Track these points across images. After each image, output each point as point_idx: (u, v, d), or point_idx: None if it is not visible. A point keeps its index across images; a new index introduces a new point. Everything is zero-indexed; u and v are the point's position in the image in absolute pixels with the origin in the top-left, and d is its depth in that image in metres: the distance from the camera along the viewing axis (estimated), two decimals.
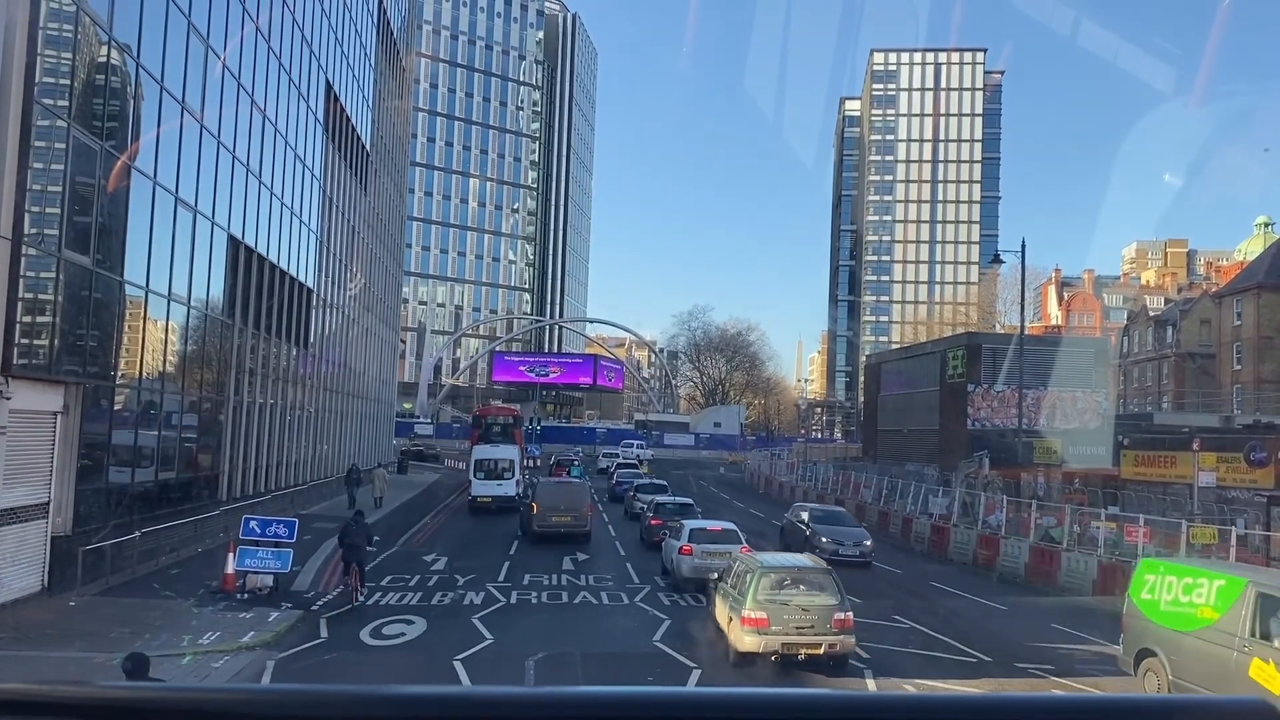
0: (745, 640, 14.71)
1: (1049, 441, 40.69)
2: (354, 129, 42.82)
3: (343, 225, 41.95)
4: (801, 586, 15.26)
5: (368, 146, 46.84)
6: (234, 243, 27.03)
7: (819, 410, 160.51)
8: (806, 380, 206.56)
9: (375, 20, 47.31)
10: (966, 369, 49.83)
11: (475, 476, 39.10)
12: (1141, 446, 35.55)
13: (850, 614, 15.00)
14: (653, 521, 29.40)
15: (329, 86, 37.47)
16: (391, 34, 52.26)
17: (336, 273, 41.20)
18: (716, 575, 17.79)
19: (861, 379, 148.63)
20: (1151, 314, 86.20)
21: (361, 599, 19.73)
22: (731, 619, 15.30)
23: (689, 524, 23.52)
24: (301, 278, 34.65)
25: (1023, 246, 36.20)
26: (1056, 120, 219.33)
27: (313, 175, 35.47)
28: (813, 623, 14.64)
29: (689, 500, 33.36)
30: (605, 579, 23.16)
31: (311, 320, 36.58)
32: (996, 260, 35.89)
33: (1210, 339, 73.17)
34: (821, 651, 14.65)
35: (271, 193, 30.12)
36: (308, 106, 34.21)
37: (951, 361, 51.10)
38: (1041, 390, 49.74)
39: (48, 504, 17.95)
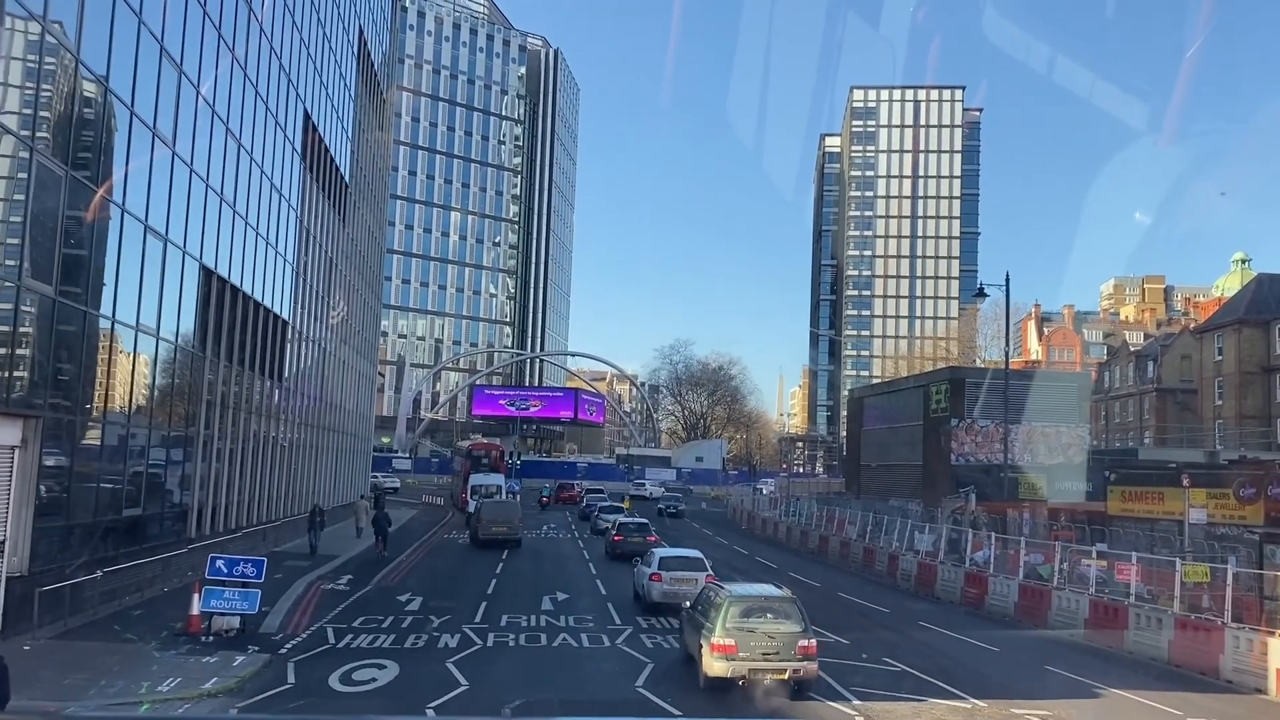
0: (715, 666, 15.38)
1: (1033, 477, 40.32)
2: (332, 160, 42.35)
3: (320, 257, 41.35)
4: (768, 615, 15.90)
5: (346, 178, 46.36)
6: (206, 273, 26.40)
7: (800, 445, 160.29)
8: (789, 415, 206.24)
9: (355, 51, 47.03)
10: (949, 404, 49.52)
11: (472, 498, 48.70)
12: (1128, 482, 35.18)
13: (814, 641, 15.71)
14: (615, 538, 36.32)
15: (307, 116, 37.03)
16: (372, 65, 51.99)
17: (313, 305, 40.55)
18: (689, 603, 18.56)
19: (843, 413, 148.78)
20: (1132, 349, 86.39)
21: (385, 553, 34.23)
22: (702, 645, 15.88)
23: (659, 553, 25.54)
24: (277, 309, 33.98)
25: (1006, 280, 36.03)
26: (1033, 156, 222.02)
27: (289, 205, 34.92)
28: (778, 649, 15.34)
29: (645, 520, 39.58)
30: (585, 619, 22.46)
31: (286, 353, 35.89)
32: (981, 294, 35.68)
33: (1191, 374, 73.34)
34: (786, 677, 15.36)
35: (246, 222, 29.54)
36: (285, 136, 33.73)
37: (934, 396, 50.80)
38: (1025, 425, 49.52)
39: (2, 542, 17.16)
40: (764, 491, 75.66)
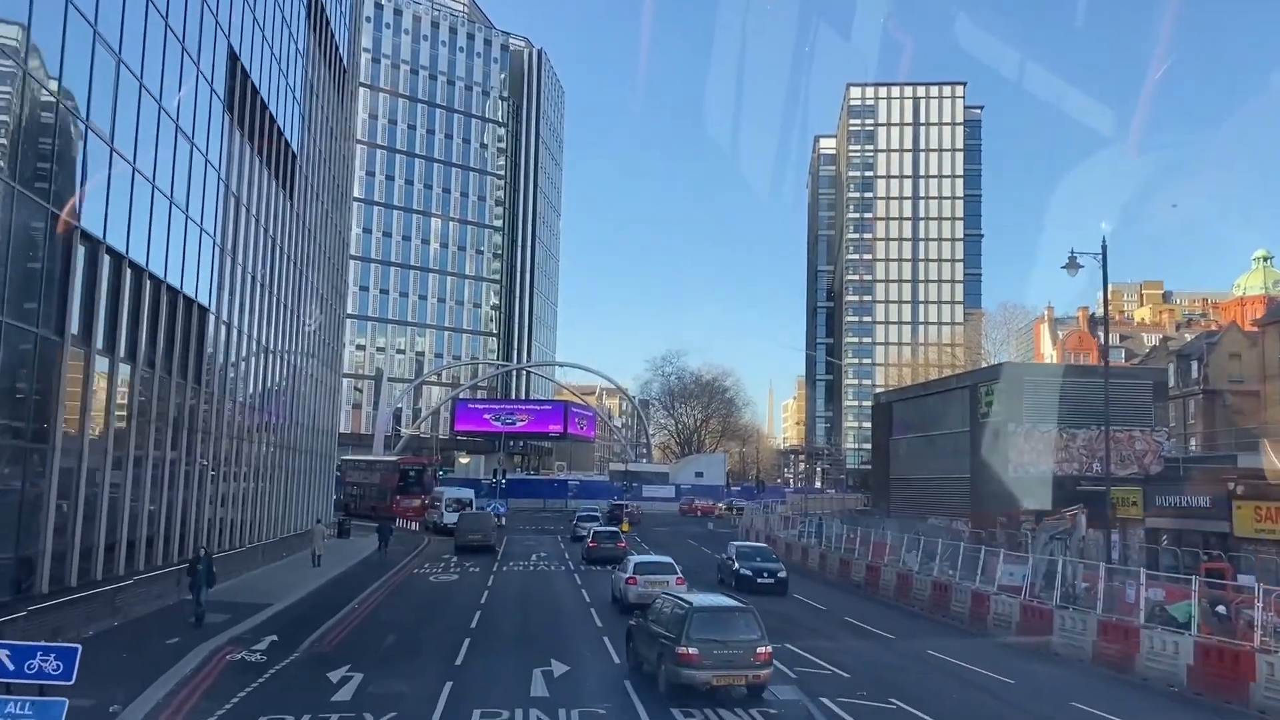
0: (680, 674, 16.01)
1: (1128, 491, 33.27)
2: (273, 120, 35.14)
3: (258, 235, 34.09)
4: (728, 625, 16.67)
5: (295, 147, 39.18)
6: (66, 229, 19.11)
7: (799, 457, 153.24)
8: (784, 426, 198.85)
9: (305, 2, 39.94)
10: (1003, 406, 42.49)
11: (446, 510, 56.06)
12: (1263, 497, 28.17)
13: (769, 648, 16.48)
14: (590, 544, 41.05)
15: (233, 55, 29.81)
16: (327, 23, 44.84)
17: (249, 293, 33.25)
18: (639, 615, 19.18)
19: (845, 424, 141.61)
20: (1171, 349, 79.78)
21: (385, 555, 40.98)
22: (662, 654, 16.65)
23: (634, 559, 28.83)
24: (190, 291, 26.68)
25: (1103, 247, 29.11)
26: (1022, 158, 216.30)
27: (207, 161, 27.65)
28: (738, 657, 16.07)
29: (615, 529, 45.13)
30: (598, 717, 15.15)
31: (205, 347, 28.55)
32: (1073, 264, 28.63)
33: (1242, 374, 66.93)
34: (745, 682, 16.21)
35: (134, 169, 22.27)
36: (197, 70, 26.47)
37: (985, 398, 43.76)
38: (1093, 430, 42.56)
39: None
40: (778, 509, 68.52)
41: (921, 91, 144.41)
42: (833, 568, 37.77)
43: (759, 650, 16.16)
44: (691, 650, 15.86)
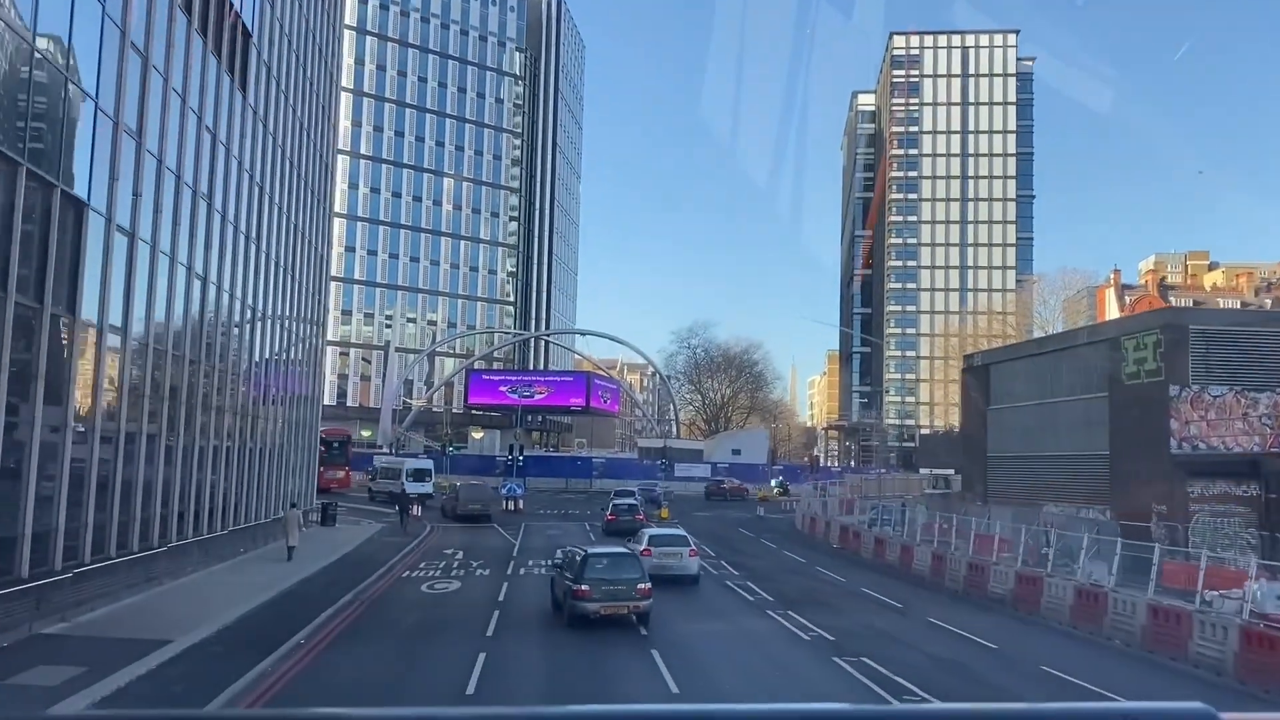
0: (576, 607, 19.67)
1: None
2: None
3: (188, 124, 24.99)
4: (615, 567, 20.46)
5: (249, 24, 30.08)
6: None
7: (839, 434, 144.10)
8: (831, 399, 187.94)
9: None
10: (1163, 364, 33.06)
11: (408, 481, 55.13)
12: None
13: (649, 584, 20.36)
14: (609, 517, 42.96)
15: None
16: None
17: (174, 200, 24.20)
18: (556, 564, 22.68)
19: (886, 398, 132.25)
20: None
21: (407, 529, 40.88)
22: (566, 593, 20.19)
23: (648, 531, 30.27)
24: (47, 172, 17.62)
25: None
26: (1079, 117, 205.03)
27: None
28: (622, 592, 19.82)
29: (635, 502, 45.84)
30: None
31: (83, 260, 19.46)
32: None
33: None
34: (627, 612, 19.91)
35: None
36: None
37: (1134, 354, 34.26)
38: (1275, 395, 33.23)
39: None
40: (832, 492, 59.36)
41: (970, 40, 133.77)
42: (956, 575, 28.37)
43: (639, 586, 19.94)
44: (584, 587, 19.55)
